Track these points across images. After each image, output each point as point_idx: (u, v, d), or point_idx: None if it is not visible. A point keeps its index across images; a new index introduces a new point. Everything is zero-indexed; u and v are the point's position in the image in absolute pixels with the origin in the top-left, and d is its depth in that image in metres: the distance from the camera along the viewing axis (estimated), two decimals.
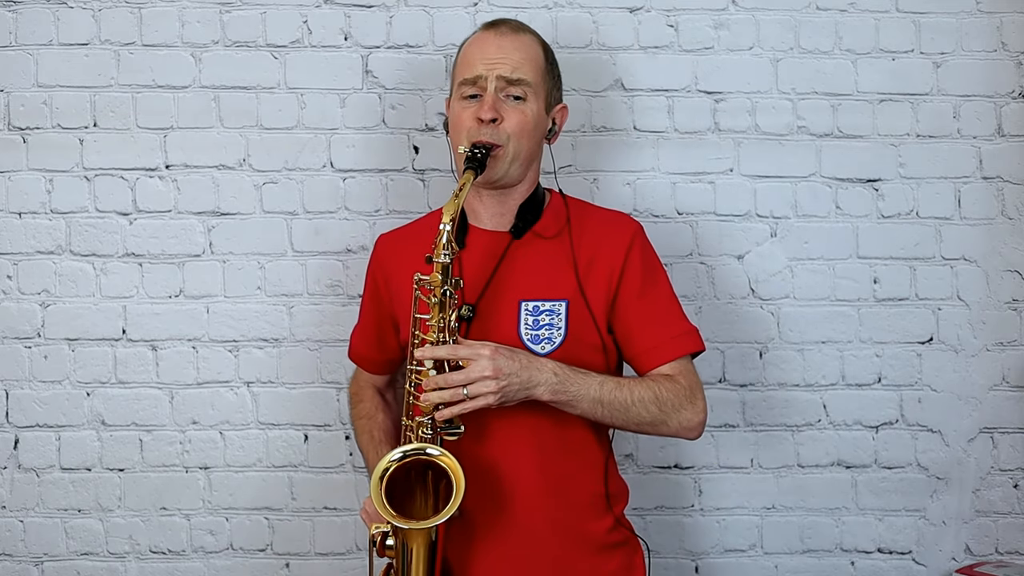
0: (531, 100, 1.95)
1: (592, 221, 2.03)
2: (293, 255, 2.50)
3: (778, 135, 2.52)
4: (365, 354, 2.20)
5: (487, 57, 1.95)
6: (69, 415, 2.48)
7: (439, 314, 1.81)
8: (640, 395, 1.88)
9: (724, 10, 2.51)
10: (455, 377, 1.79)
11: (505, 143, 1.93)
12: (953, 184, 2.53)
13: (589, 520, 1.94)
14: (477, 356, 1.79)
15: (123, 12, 2.47)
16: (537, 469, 1.91)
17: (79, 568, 2.49)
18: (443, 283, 1.81)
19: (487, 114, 1.91)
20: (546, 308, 1.93)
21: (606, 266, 1.96)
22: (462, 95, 1.97)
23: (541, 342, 1.91)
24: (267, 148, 2.49)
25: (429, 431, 1.82)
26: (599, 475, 1.96)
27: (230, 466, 2.49)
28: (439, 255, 1.81)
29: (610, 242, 1.98)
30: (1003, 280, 2.54)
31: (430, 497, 1.86)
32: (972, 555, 2.55)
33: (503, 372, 1.79)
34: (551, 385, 1.83)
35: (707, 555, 2.53)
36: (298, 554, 2.50)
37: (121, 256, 2.49)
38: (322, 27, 2.49)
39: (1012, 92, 2.53)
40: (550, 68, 2.02)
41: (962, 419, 2.54)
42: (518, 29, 2.00)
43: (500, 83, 1.93)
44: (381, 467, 1.80)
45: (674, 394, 1.91)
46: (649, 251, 2.02)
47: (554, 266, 1.96)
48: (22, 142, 2.48)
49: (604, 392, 1.86)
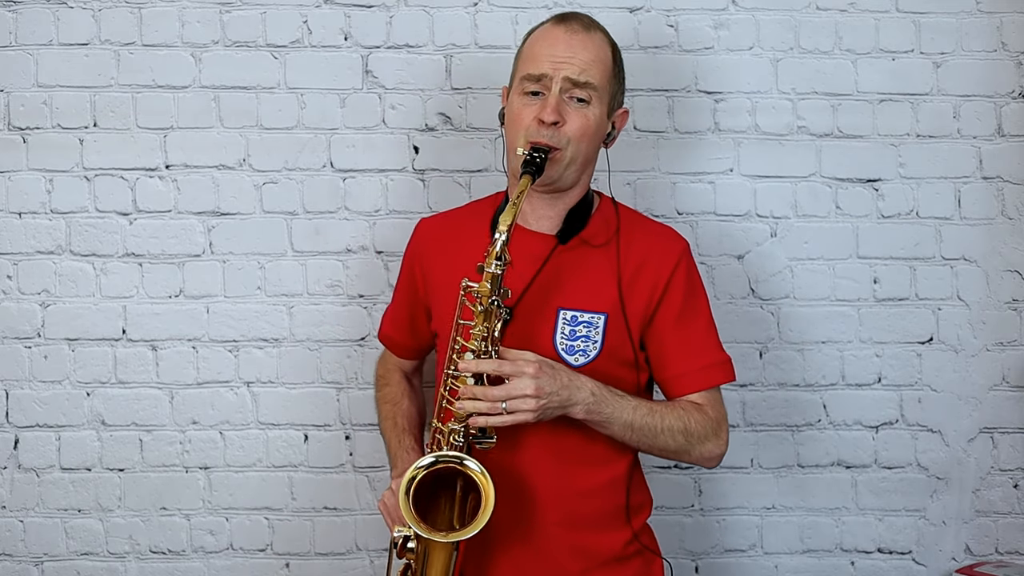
0: (595, 104, 1.89)
1: (641, 232, 1.99)
2: (293, 255, 2.50)
3: (778, 135, 2.52)
4: (395, 338, 2.19)
5: (555, 55, 1.88)
6: (69, 415, 2.48)
7: (483, 323, 1.78)
8: (670, 424, 1.87)
9: (724, 10, 2.51)
10: (495, 392, 1.76)
11: (564, 147, 1.87)
12: (953, 184, 2.53)
13: (607, 532, 1.92)
14: (521, 374, 1.76)
15: (123, 12, 2.47)
16: (557, 479, 1.89)
17: (79, 568, 2.49)
18: (492, 293, 1.76)
19: (550, 116, 1.85)
20: (584, 319, 1.90)
21: (649, 282, 1.92)
22: (524, 90, 1.90)
23: (576, 353, 1.88)
24: (267, 148, 2.49)
25: (461, 439, 1.79)
26: (621, 488, 1.94)
27: (230, 466, 2.49)
28: (490, 264, 1.76)
29: (657, 257, 1.94)
30: (1003, 280, 2.54)
31: (455, 506, 1.84)
32: (972, 555, 2.55)
33: (544, 392, 1.76)
34: (588, 405, 1.81)
35: (707, 555, 2.53)
36: (298, 554, 2.50)
37: (121, 256, 2.49)
38: (322, 27, 2.49)
39: (1012, 92, 2.53)
40: (617, 71, 1.96)
41: (962, 419, 2.54)
42: (590, 27, 1.93)
43: (566, 84, 1.87)
44: (410, 474, 1.76)
45: (702, 426, 1.90)
46: (694, 273, 1.99)
47: (597, 276, 1.92)
48: (22, 142, 2.48)
49: (637, 417, 1.85)
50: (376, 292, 2.49)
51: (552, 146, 1.86)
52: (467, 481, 1.78)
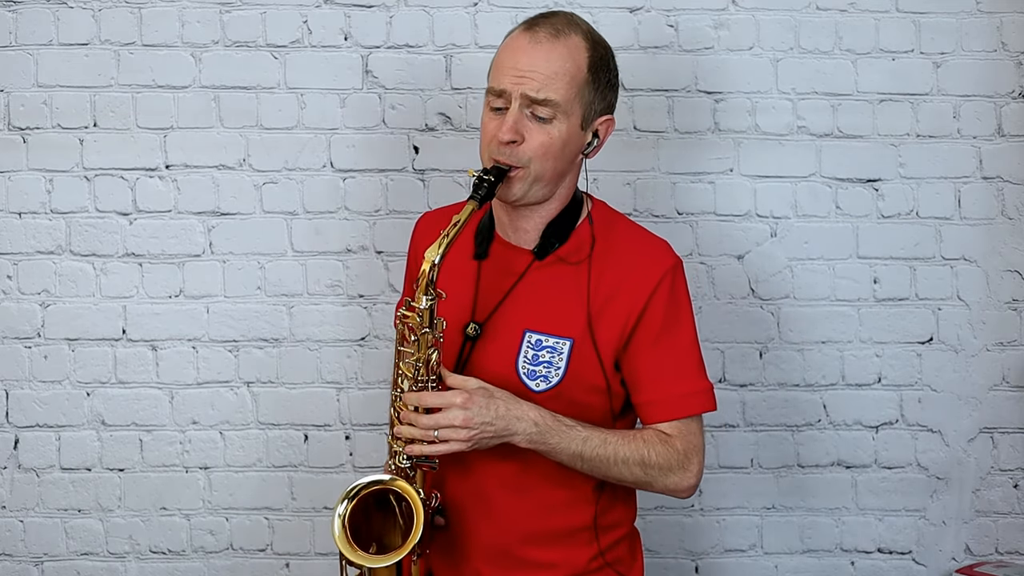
0: (560, 120, 1.78)
1: (621, 250, 1.87)
2: (293, 255, 2.50)
3: (778, 135, 2.52)
4: None
5: (516, 68, 1.77)
6: (69, 415, 2.48)
7: (419, 351, 1.75)
8: (625, 455, 1.79)
9: (724, 10, 2.51)
10: (425, 420, 1.73)
11: (526, 164, 1.79)
12: (953, 184, 2.53)
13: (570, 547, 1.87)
14: (449, 405, 1.72)
15: (123, 12, 2.47)
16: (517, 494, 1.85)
17: (79, 568, 2.49)
18: (425, 325, 1.74)
19: (505, 135, 1.76)
20: (549, 344, 1.83)
21: (624, 306, 1.83)
22: (489, 104, 1.83)
23: (537, 378, 1.83)
24: (267, 148, 2.49)
25: (406, 460, 1.77)
26: (588, 506, 1.88)
27: (230, 466, 2.49)
28: (419, 300, 1.73)
29: (635, 279, 1.84)
30: (1003, 280, 2.54)
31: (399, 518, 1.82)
32: (972, 555, 2.55)
33: (475, 422, 1.72)
34: (529, 435, 1.76)
35: (707, 555, 2.53)
36: (298, 554, 2.50)
37: (121, 256, 2.49)
38: (322, 27, 2.49)
39: (1012, 92, 2.53)
40: (592, 79, 1.81)
41: (962, 419, 2.54)
42: (560, 33, 1.80)
43: (524, 101, 1.76)
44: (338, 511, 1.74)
45: (664, 458, 1.81)
46: (679, 294, 1.86)
47: (568, 298, 1.85)
48: (22, 142, 2.48)
49: (587, 448, 1.78)
50: (376, 292, 2.49)
51: (511, 164, 1.79)
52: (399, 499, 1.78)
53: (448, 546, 1.88)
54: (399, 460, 1.79)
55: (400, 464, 1.79)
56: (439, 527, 1.86)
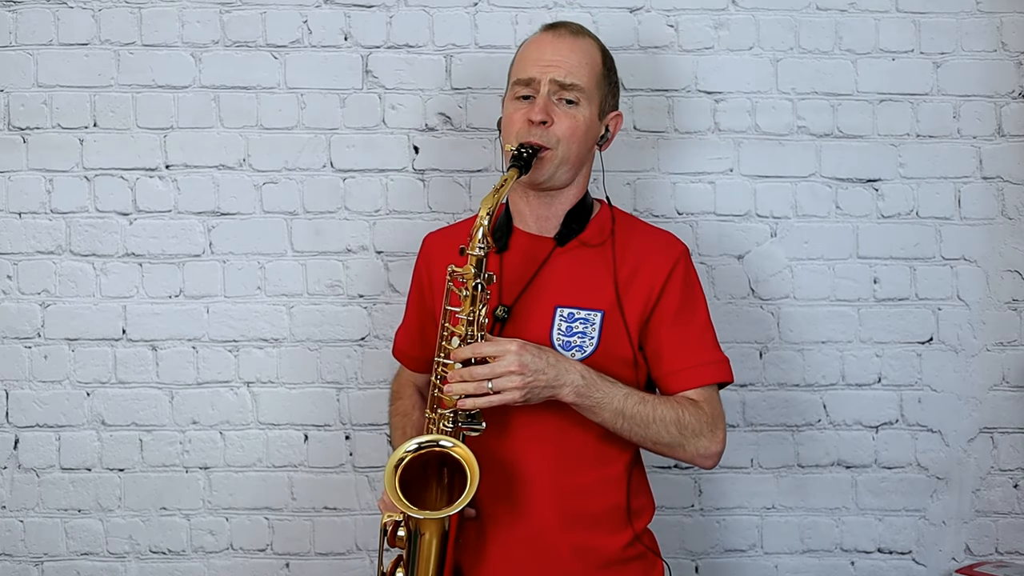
0: (583, 105, 1.94)
1: (638, 236, 2.01)
2: (293, 255, 2.50)
3: (778, 135, 2.52)
4: (408, 352, 2.20)
5: (542, 59, 1.94)
6: (69, 415, 2.48)
7: (470, 307, 1.80)
8: (662, 414, 1.87)
9: (724, 10, 2.51)
10: (480, 371, 1.78)
11: (554, 146, 1.92)
12: (953, 184, 2.53)
13: (605, 533, 1.92)
14: (504, 352, 1.78)
15: (123, 12, 2.47)
16: (554, 475, 1.90)
17: (79, 568, 2.49)
18: (476, 276, 1.80)
19: (537, 116, 1.90)
20: (581, 316, 1.92)
21: (646, 283, 1.94)
22: (515, 95, 1.96)
23: (572, 349, 1.90)
24: (267, 148, 2.49)
25: (450, 424, 1.81)
26: (620, 487, 1.94)
27: (230, 466, 2.50)
28: (473, 248, 1.80)
29: (654, 259, 1.96)
30: (1003, 280, 2.54)
31: (445, 492, 1.85)
32: (972, 555, 2.55)
33: (529, 368, 1.78)
34: (577, 387, 1.82)
35: (707, 555, 2.53)
36: (298, 554, 2.50)
37: (121, 256, 2.49)
38: (322, 27, 2.49)
39: (1012, 92, 2.53)
40: (607, 74, 2.00)
41: (962, 419, 2.54)
42: (577, 33, 1.99)
43: (553, 87, 1.92)
44: (396, 457, 1.79)
45: (696, 420, 1.90)
46: (692, 276, 2.00)
47: (594, 275, 1.95)
48: (22, 142, 2.48)
49: (628, 404, 1.85)
50: (376, 292, 2.49)
51: (541, 145, 1.90)
52: (452, 464, 1.80)
53: (480, 536, 1.90)
54: (443, 425, 1.82)
55: (444, 429, 1.81)
56: (469, 517, 1.87)
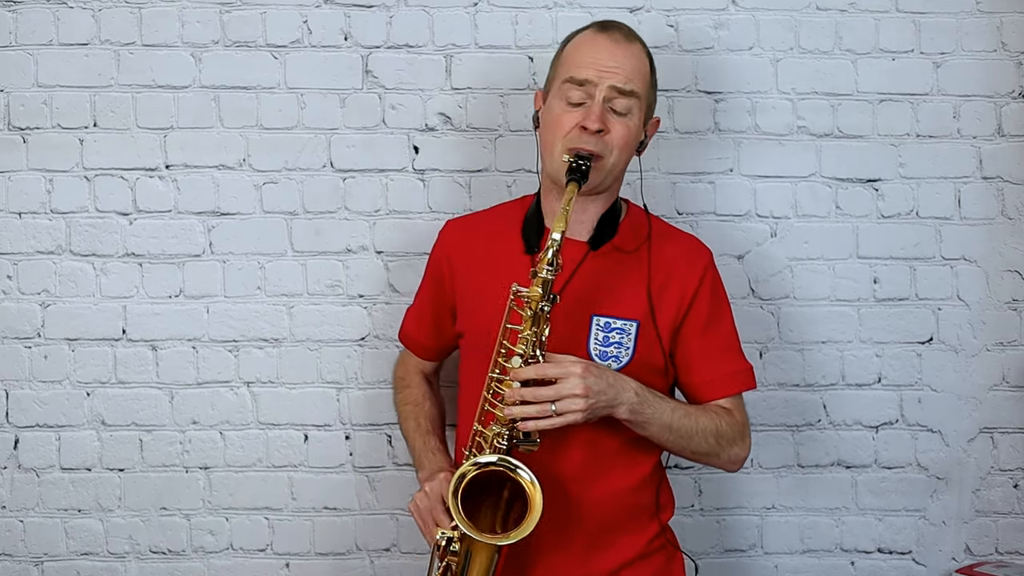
0: (635, 113, 1.93)
1: (670, 241, 2.02)
2: (293, 255, 2.50)
3: (778, 135, 2.52)
4: (418, 339, 2.19)
5: (600, 63, 1.90)
6: (69, 415, 2.48)
7: (531, 327, 1.77)
8: (704, 425, 1.90)
9: (724, 10, 2.51)
10: (545, 392, 1.76)
11: (608, 155, 1.90)
12: (953, 184, 2.53)
13: (636, 532, 1.94)
14: (568, 375, 1.76)
15: (123, 12, 2.47)
16: (592, 482, 1.90)
17: (79, 568, 2.49)
18: (542, 298, 1.77)
19: (594, 124, 1.87)
20: (617, 326, 1.91)
21: (677, 291, 1.95)
22: (565, 95, 1.91)
23: (608, 359, 1.90)
24: (267, 148, 2.49)
25: (505, 442, 1.78)
26: (650, 488, 1.96)
27: (230, 466, 2.49)
28: (542, 269, 1.76)
29: (684, 267, 1.97)
30: (1003, 280, 2.54)
31: (498, 510, 1.83)
32: (972, 555, 2.55)
33: (593, 391, 1.77)
34: (632, 405, 1.82)
35: (707, 555, 2.52)
36: (298, 554, 2.50)
37: (121, 256, 2.49)
38: (322, 27, 2.49)
39: (1012, 92, 2.53)
40: (653, 81, 2.00)
41: (962, 419, 2.54)
42: (631, 37, 1.96)
43: (611, 93, 1.89)
44: (461, 471, 1.76)
45: (731, 429, 1.94)
46: (719, 283, 2.02)
47: (628, 283, 1.94)
48: (22, 142, 2.47)
49: (675, 418, 1.87)
50: (376, 292, 2.49)
51: (596, 154, 1.87)
52: (514, 487, 1.78)
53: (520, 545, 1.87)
54: (497, 442, 1.78)
55: (499, 446, 1.78)
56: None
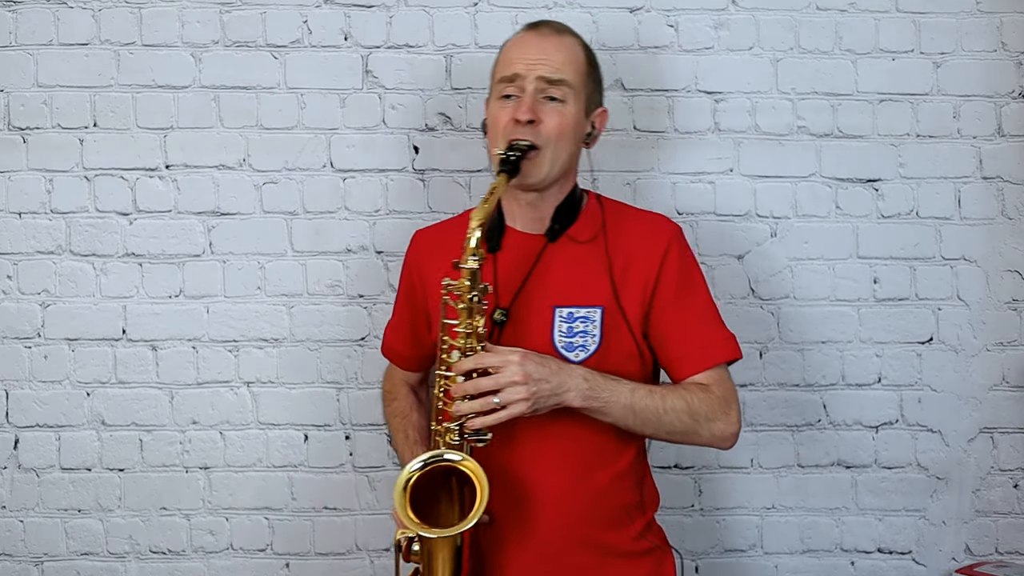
0: (570, 102, 1.91)
1: (628, 224, 1.99)
2: (293, 255, 2.50)
3: (778, 135, 2.52)
4: (399, 350, 2.19)
5: (527, 57, 1.91)
6: (69, 415, 2.48)
7: (467, 320, 1.79)
8: (672, 404, 1.86)
9: (724, 10, 2.51)
10: (484, 383, 1.76)
11: (544, 145, 1.89)
12: (953, 184, 2.53)
13: (619, 529, 1.92)
14: (506, 363, 1.76)
15: (123, 12, 2.47)
16: (569, 479, 1.89)
17: (79, 568, 2.49)
18: (471, 289, 1.78)
19: (524, 115, 1.87)
20: (581, 315, 1.90)
21: (642, 271, 1.92)
22: (500, 94, 1.93)
23: (575, 349, 1.89)
24: (267, 148, 2.49)
25: (457, 438, 1.79)
26: (628, 484, 1.94)
27: (230, 466, 2.49)
28: (466, 260, 1.78)
29: (646, 246, 1.94)
30: (1003, 280, 2.54)
31: (455, 503, 1.84)
32: (972, 555, 2.55)
33: (533, 377, 1.76)
34: (582, 391, 1.81)
35: (707, 555, 2.53)
36: (298, 554, 2.50)
37: (121, 256, 2.49)
38: (322, 27, 2.49)
39: (1012, 92, 2.53)
40: (591, 71, 1.98)
41: (962, 419, 2.54)
42: (561, 31, 1.97)
43: (540, 84, 1.89)
44: (403, 477, 1.77)
45: (707, 404, 1.88)
46: (687, 255, 1.98)
47: (589, 271, 1.93)
48: (22, 142, 2.48)
49: (635, 399, 1.84)
50: (376, 292, 2.49)
51: (531, 144, 1.88)
52: (461, 477, 1.79)
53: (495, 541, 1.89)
54: (450, 439, 1.80)
55: (451, 442, 1.80)
56: (484, 523, 1.86)
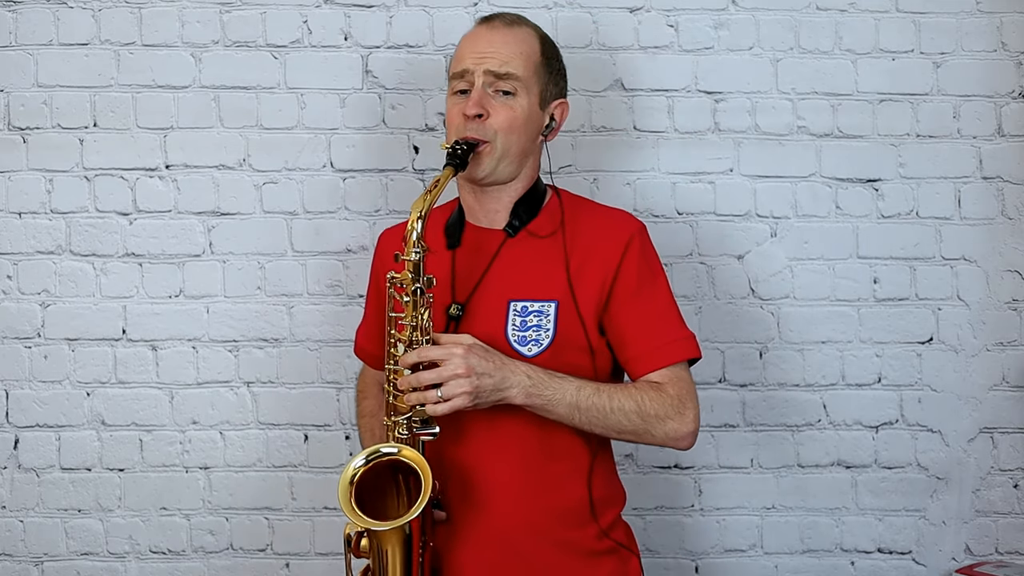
0: (521, 95, 1.89)
1: (589, 219, 1.97)
2: (293, 255, 2.50)
3: (778, 135, 2.52)
4: (369, 349, 2.19)
5: (476, 51, 1.89)
6: (69, 415, 2.48)
7: (412, 312, 1.78)
8: (620, 403, 1.83)
9: (724, 10, 2.51)
10: (427, 375, 1.75)
11: (492, 139, 1.88)
12: (953, 184, 2.53)
13: (573, 527, 1.90)
14: (449, 356, 1.75)
15: (123, 12, 2.48)
16: (517, 473, 1.87)
17: (79, 568, 2.49)
18: (414, 281, 1.78)
19: (472, 109, 1.86)
20: (535, 309, 1.89)
21: (600, 267, 1.90)
22: (452, 90, 1.93)
23: (528, 343, 1.87)
24: (267, 148, 2.49)
25: (405, 431, 1.79)
26: (581, 481, 1.91)
27: (230, 466, 2.50)
28: (408, 253, 1.78)
29: (606, 242, 1.92)
30: (1003, 280, 2.54)
31: (403, 497, 1.84)
32: (972, 555, 2.55)
33: (476, 371, 1.75)
34: (524, 387, 1.79)
35: (707, 555, 2.53)
36: (298, 554, 2.50)
37: (121, 256, 2.49)
38: (322, 27, 2.49)
39: (1012, 92, 2.53)
40: (547, 62, 1.95)
41: (962, 419, 2.54)
42: (512, 23, 1.94)
43: (488, 78, 1.87)
44: (348, 473, 1.76)
45: (659, 404, 1.84)
46: (648, 252, 1.95)
47: (546, 266, 1.91)
48: (22, 142, 2.48)
49: (581, 397, 1.81)
50: None
51: (479, 139, 1.87)
52: (406, 469, 1.78)
53: (452, 538, 1.88)
54: (397, 433, 1.80)
55: (399, 436, 1.80)
56: (440, 520, 1.86)
